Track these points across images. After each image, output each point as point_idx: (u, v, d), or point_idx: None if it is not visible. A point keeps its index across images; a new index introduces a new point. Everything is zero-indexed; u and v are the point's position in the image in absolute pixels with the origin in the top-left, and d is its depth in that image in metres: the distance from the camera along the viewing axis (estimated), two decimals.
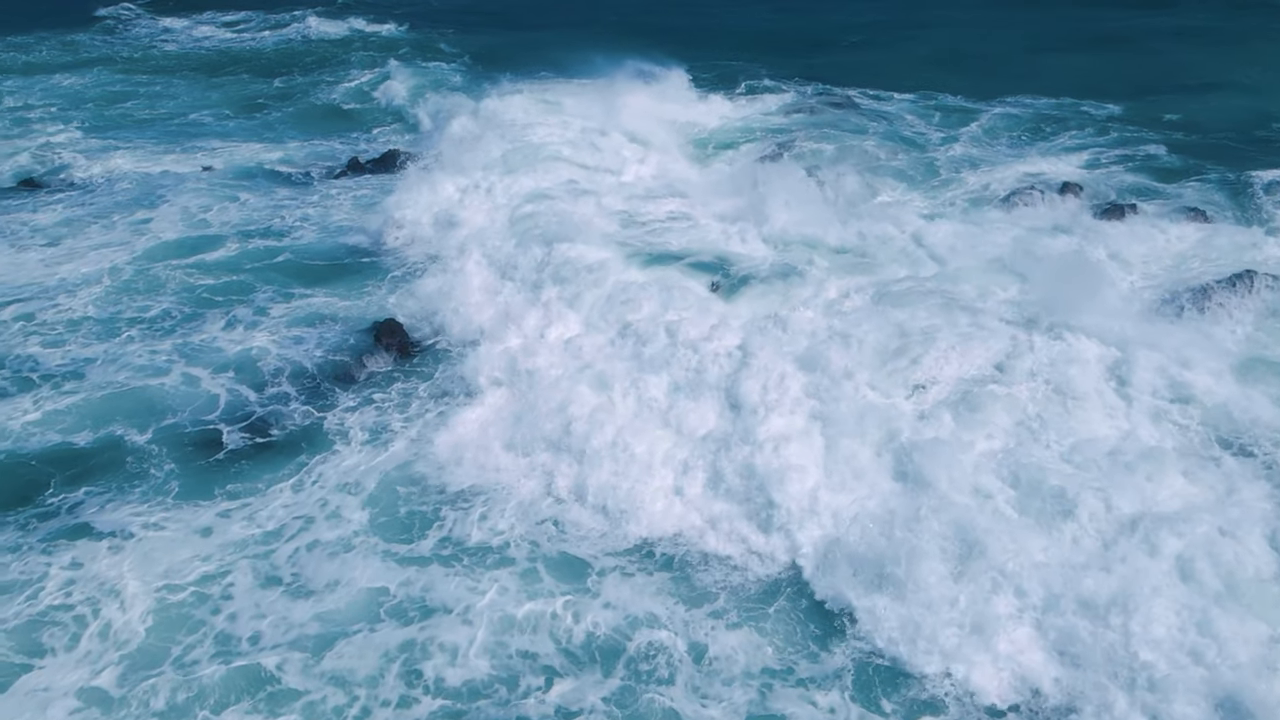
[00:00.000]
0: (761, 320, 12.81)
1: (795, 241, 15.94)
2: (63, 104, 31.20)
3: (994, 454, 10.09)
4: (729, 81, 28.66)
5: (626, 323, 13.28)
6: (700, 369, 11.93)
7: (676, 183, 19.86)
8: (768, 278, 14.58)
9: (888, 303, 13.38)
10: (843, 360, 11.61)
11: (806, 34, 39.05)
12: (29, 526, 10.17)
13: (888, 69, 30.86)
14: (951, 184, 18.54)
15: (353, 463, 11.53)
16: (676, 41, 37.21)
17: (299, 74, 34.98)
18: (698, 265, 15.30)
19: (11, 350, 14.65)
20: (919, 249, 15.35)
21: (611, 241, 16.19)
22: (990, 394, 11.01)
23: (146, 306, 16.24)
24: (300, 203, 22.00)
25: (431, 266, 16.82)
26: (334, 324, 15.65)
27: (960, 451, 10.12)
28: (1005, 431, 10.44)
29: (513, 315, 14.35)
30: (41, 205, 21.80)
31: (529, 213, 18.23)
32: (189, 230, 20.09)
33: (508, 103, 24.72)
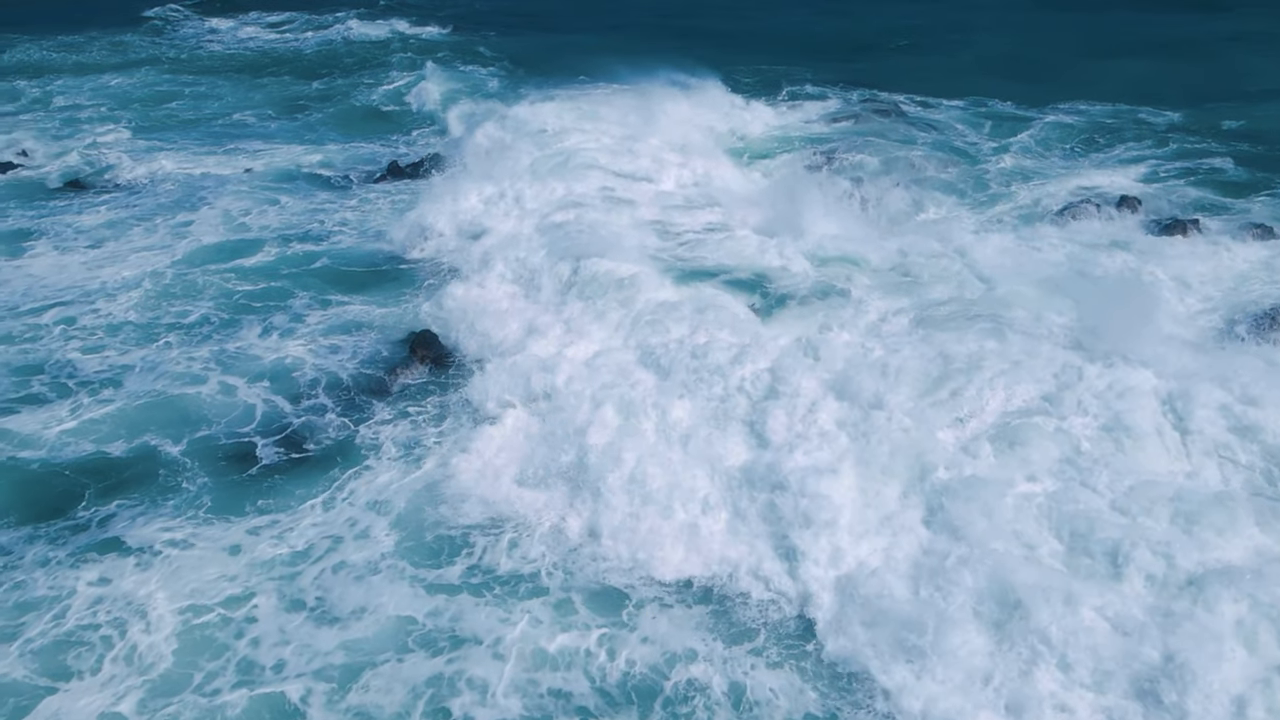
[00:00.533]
0: (796, 344, 12.29)
1: (836, 258, 15.45)
2: (111, 104, 31.66)
3: (1038, 497, 9.37)
4: (770, 87, 28.24)
5: (654, 343, 12.84)
6: (728, 395, 11.45)
7: (715, 193, 19.50)
8: (806, 297, 14.13)
9: (930, 326, 12.86)
10: (878, 389, 11.03)
11: (850, 37, 38.42)
12: (59, 540, 10.13)
13: (935, 74, 30.20)
14: (1002, 198, 17.94)
15: (384, 480, 11.36)
16: (717, 45, 36.87)
17: (339, 75, 35.19)
18: (733, 282, 14.86)
19: (52, 355, 14.73)
20: (966, 268, 14.77)
21: (644, 254, 15.79)
22: (1036, 428, 10.33)
23: (185, 312, 16.27)
24: (339, 206, 22.02)
25: (455, 278, 16.63)
26: (370, 332, 15.55)
27: (1000, 493, 9.42)
28: (1052, 471, 9.73)
29: (534, 332, 13.97)
30: (86, 207, 22.05)
31: (559, 222, 17.94)
32: (229, 234, 20.18)
33: (541, 109, 24.52)
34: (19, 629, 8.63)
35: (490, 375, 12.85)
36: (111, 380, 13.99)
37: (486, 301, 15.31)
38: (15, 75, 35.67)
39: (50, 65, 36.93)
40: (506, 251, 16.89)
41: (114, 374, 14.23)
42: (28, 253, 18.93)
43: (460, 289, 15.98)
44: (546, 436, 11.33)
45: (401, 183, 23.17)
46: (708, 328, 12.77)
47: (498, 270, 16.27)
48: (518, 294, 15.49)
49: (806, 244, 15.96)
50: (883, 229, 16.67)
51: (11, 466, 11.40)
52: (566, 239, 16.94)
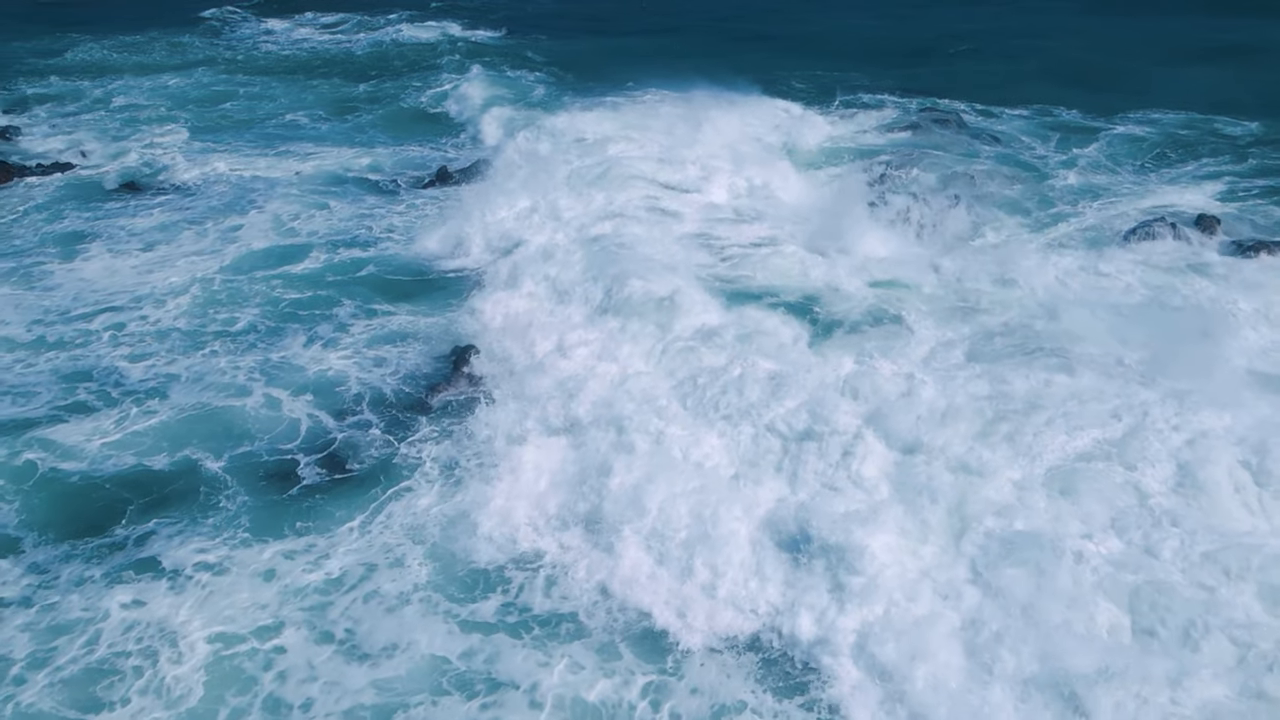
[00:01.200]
0: (841, 378, 11.72)
1: (890, 281, 14.83)
2: (168, 104, 32.11)
3: (1098, 558, 8.60)
4: (825, 94, 27.55)
5: (690, 371, 12.34)
6: (764, 433, 10.87)
7: (764, 206, 18.97)
8: (856, 324, 13.51)
9: (987, 358, 12.19)
10: (925, 430, 10.39)
11: (908, 42, 37.47)
12: (96, 558, 10.06)
13: (997, 81, 29.25)
14: (1068, 217, 17.13)
15: (423, 504, 11.13)
16: (769, 49, 36.25)
17: (389, 77, 35.29)
18: (779, 305, 14.29)
19: (100, 362, 14.81)
20: (1028, 294, 14.05)
21: (685, 271, 15.32)
22: (1099, 477, 9.57)
23: (232, 319, 16.27)
24: (387, 212, 21.96)
25: (491, 291, 16.35)
26: (414, 344, 15.40)
27: (1056, 553, 8.65)
28: (1115, 528, 8.92)
29: (564, 352, 13.54)
30: (140, 209, 22.28)
31: (597, 235, 17.55)
32: (278, 239, 20.23)
33: (585, 116, 24.20)
34: (50, 654, 8.54)
35: (499, 408, 12.46)
36: (157, 390, 14.00)
37: (520, 316, 15.01)
38: (79, 75, 36.43)
39: (111, 65, 37.66)
40: (542, 265, 16.57)
41: (160, 383, 14.24)
42: (80, 255, 19.15)
43: (493, 303, 15.73)
44: (571, 473, 10.92)
45: (450, 189, 23.01)
46: (748, 357, 12.26)
47: (529, 286, 15.94)
48: (552, 309, 15.13)
49: (859, 264, 15.39)
50: (940, 250, 16.00)
51: (53, 479, 11.40)
52: (604, 254, 16.58)
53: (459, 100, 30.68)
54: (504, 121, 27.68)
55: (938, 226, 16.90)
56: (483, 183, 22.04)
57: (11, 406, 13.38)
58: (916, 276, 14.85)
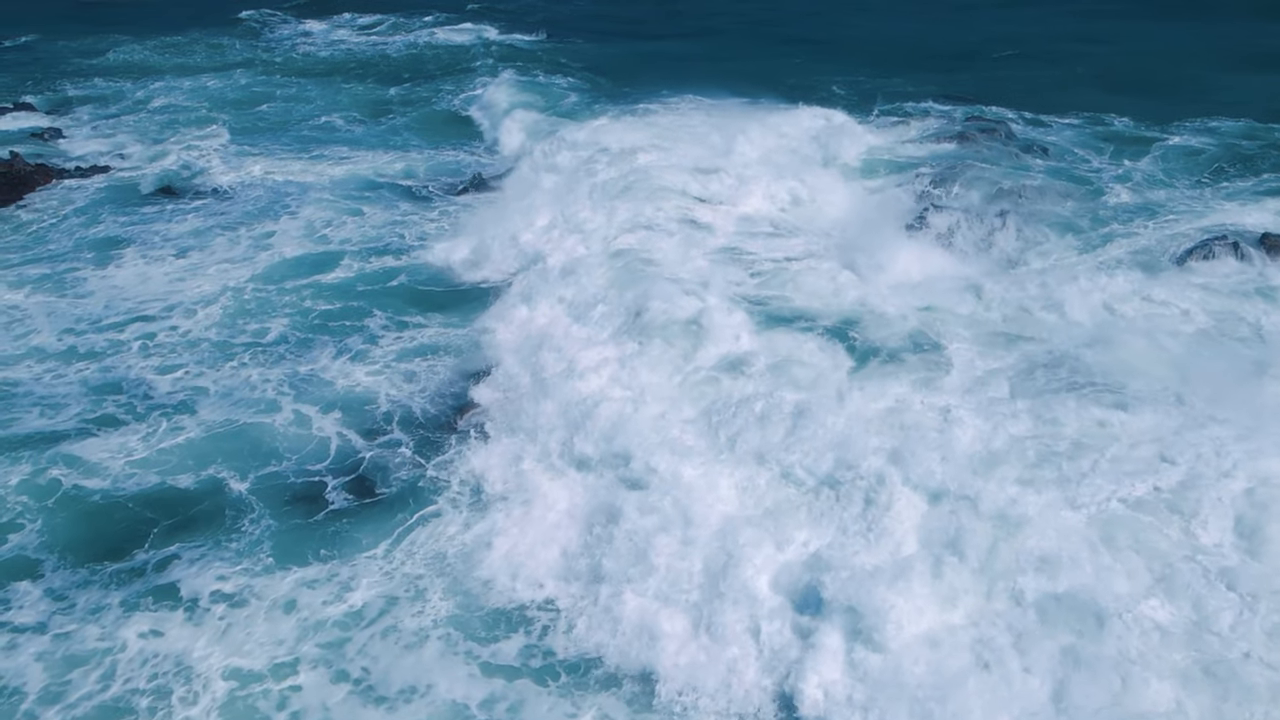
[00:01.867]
0: (877, 411, 11.08)
1: (932, 305, 14.18)
2: (207, 106, 32.30)
3: (1151, 624, 7.78)
4: (865, 101, 26.88)
5: (714, 402, 11.68)
6: (791, 471, 10.25)
7: (800, 220, 18.41)
8: (895, 351, 12.88)
9: (1032, 393, 11.51)
10: (965, 473, 9.69)
11: (950, 46, 36.60)
12: (115, 584, 9.90)
13: (1045, 87, 28.37)
14: (1123, 236, 16.35)
15: (449, 532, 10.84)
16: (807, 53, 35.59)
17: (424, 80, 35.20)
18: (813, 329, 13.73)
19: (129, 373, 14.73)
20: (1078, 321, 13.32)
21: (715, 290, 14.81)
22: (1153, 531, 8.82)
23: (262, 331, 16.14)
24: (420, 219, 21.78)
25: (510, 308, 15.96)
26: (445, 359, 15.17)
27: (1101, 618, 7.87)
28: (1171, 591, 8.09)
29: (582, 375, 12.94)
30: (175, 215, 22.31)
31: (623, 249, 17.08)
32: (310, 246, 20.10)
33: (615, 124, 23.69)
34: (64, 689, 8.36)
35: (513, 438, 11.98)
36: (186, 404, 13.87)
37: (539, 336, 14.47)
38: (120, 75, 36.85)
39: (152, 66, 38.06)
40: (563, 282, 16.10)
41: (188, 396, 14.12)
42: (114, 261, 19.16)
43: (511, 321, 15.32)
44: (582, 514, 10.42)
45: (485, 194, 22.76)
46: (776, 391, 11.63)
47: (547, 304, 15.46)
48: (571, 329, 14.58)
49: (899, 284, 14.80)
50: (986, 271, 15.34)
51: (76, 498, 11.28)
52: (628, 271, 16.13)
53: (484, 106, 30.23)
54: (528, 128, 27.21)
55: (984, 246, 16.24)
56: (506, 193, 21.78)
57: (40, 419, 13.32)
58: (959, 300, 14.22)
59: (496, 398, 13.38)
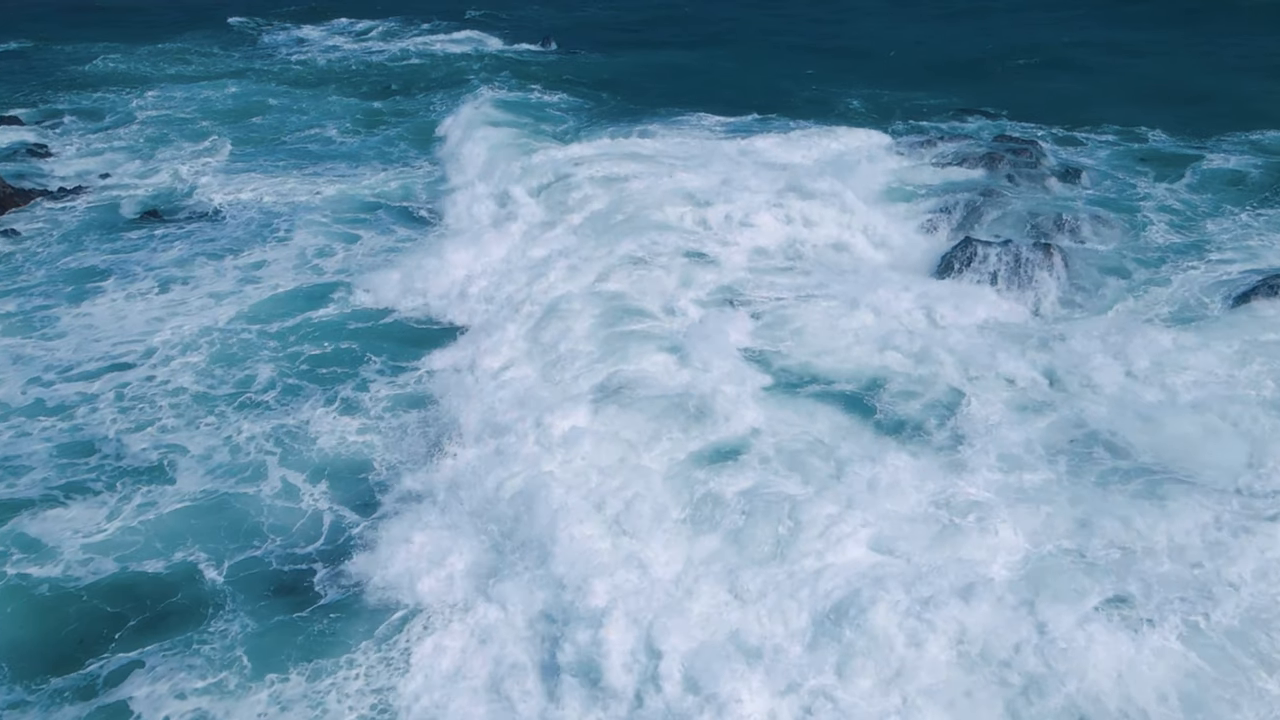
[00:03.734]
0: (892, 516, 9.66)
1: (970, 360, 12.88)
2: (198, 118, 31.14)
3: None
4: (885, 117, 25.68)
5: (705, 494, 10.21)
6: (798, 592, 8.83)
7: (817, 255, 17.10)
8: (919, 424, 11.59)
9: (1073, 471, 10.33)
10: (996, 604, 8.33)
11: (970, 53, 35.35)
12: (56, 703, 8.71)
13: (1073, 100, 27.15)
14: (1171, 277, 15.05)
15: (444, 644, 9.57)
16: (821, 63, 34.30)
17: (419, 91, 33.89)
18: (832, 395, 12.46)
19: (100, 431, 13.56)
20: (1127, 383, 12.02)
21: (714, 343, 13.53)
22: (1222, 653, 7.67)
23: (247, 379, 14.96)
24: (417, 245, 20.57)
25: (476, 359, 14.61)
26: (436, 409, 13.96)
27: None
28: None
29: (549, 450, 11.41)
30: (160, 241, 21.13)
31: (613, 292, 15.78)
32: (301, 277, 18.95)
33: (614, 144, 22.39)
34: None
35: (419, 548, 10.40)
36: (160, 468, 12.70)
37: (506, 401, 12.99)
38: (110, 85, 35.62)
39: (143, 75, 36.83)
40: (538, 327, 14.91)
41: (165, 458, 12.95)
42: (90, 297, 17.96)
43: (478, 377, 14.02)
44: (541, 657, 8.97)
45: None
46: (785, 478, 10.22)
47: (512, 353, 14.32)
48: (537, 390, 13.11)
49: (931, 337, 13.53)
50: (1028, 320, 14.14)
51: (20, 589, 10.07)
52: (612, 318, 14.87)
53: (454, 126, 27.23)
54: (499, 148, 24.69)
55: (1024, 286, 15.02)
56: (458, 220, 20.54)
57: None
58: (998, 354, 12.90)
59: (446, 476, 11.89)
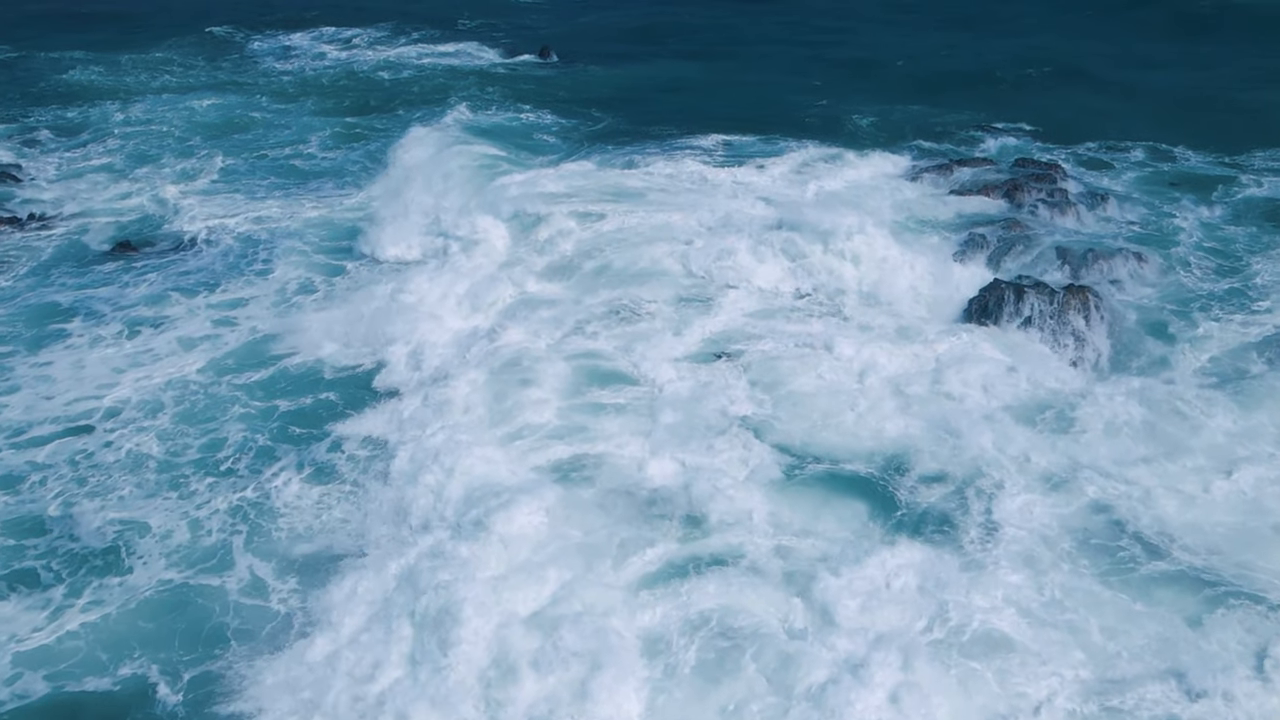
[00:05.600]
0: (902, 649, 8.44)
1: (999, 430, 11.59)
2: (179, 135, 29.91)
3: None
4: (895, 136, 24.37)
5: (670, 621, 8.93)
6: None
7: (824, 299, 15.74)
8: (947, 515, 10.34)
9: (1113, 588, 9.08)
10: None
11: (983, 62, 34.03)
12: None
13: (1094, 115, 25.90)
14: (1207, 335, 13.66)
15: None
16: (830, 75, 32.92)
17: (401, 106, 32.38)
18: (841, 482, 11.19)
19: (50, 507, 12.39)
20: (1166, 465, 10.73)
21: (699, 411, 12.26)
22: None
23: (215, 442, 13.80)
24: (406, 279, 19.28)
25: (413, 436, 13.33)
26: (390, 485, 12.78)
27: None
28: None
29: (479, 556, 10.10)
30: (132, 277, 19.90)
31: (585, 353, 14.43)
32: (279, 319, 17.73)
33: (597, 173, 20.91)
34: None
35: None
36: (115, 552, 11.56)
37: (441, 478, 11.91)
38: (89, 99, 34.21)
39: (122, 88, 35.42)
40: (493, 389, 13.71)
41: (121, 539, 11.81)
42: (50, 343, 16.73)
43: (415, 444, 12.87)
44: None
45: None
46: (773, 602, 8.96)
47: (465, 419, 13.10)
48: (487, 466, 11.86)
49: (954, 403, 12.27)
50: (1059, 374, 12.92)
51: None
52: (583, 381, 13.61)
53: (409, 146, 24.48)
54: (468, 176, 22.42)
55: (1056, 335, 13.85)
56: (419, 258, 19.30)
57: None
58: (1022, 426, 11.62)
59: (390, 575, 10.55)
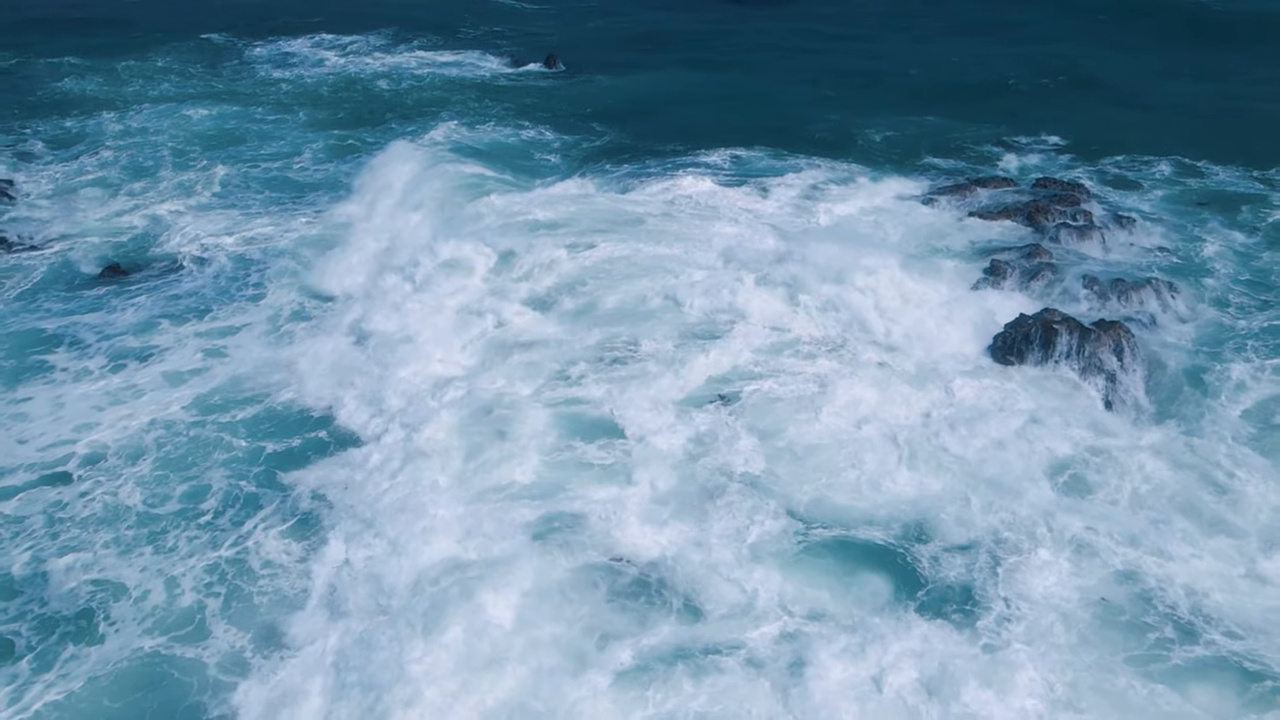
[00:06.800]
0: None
1: (1025, 496, 10.76)
2: (174, 147, 29.20)
3: None
4: (910, 152, 23.48)
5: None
6: None
7: (836, 333, 14.86)
8: (967, 586, 9.64)
9: (1141, 672, 8.44)
10: None
11: (999, 74, 32.93)
12: None
13: (1116, 126, 25.02)
14: (1242, 383, 12.81)
15: None
16: (841, 85, 31.90)
17: (400, 118, 31.53)
18: (857, 553, 10.38)
19: (25, 564, 11.74)
20: (1202, 537, 10.05)
21: (700, 475, 11.51)
22: None
23: (197, 491, 13.18)
24: (400, 306, 18.53)
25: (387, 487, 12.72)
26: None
27: None
28: None
29: (447, 661, 9.52)
30: (121, 302, 19.20)
31: (572, 399, 13.68)
32: (268, 349, 17.05)
33: (596, 196, 20.06)
34: None
35: None
36: (88, 617, 10.97)
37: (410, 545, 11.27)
38: (85, 109, 33.41)
39: (118, 98, 34.59)
40: (468, 441, 13.01)
41: (95, 601, 11.22)
42: (31, 377, 16.09)
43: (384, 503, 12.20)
44: None
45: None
46: (769, 700, 8.25)
47: (437, 473, 12.46)
48: (454, 541, 11.23)
49: (975, 459, 11.48)
50: (1090, 415, 12.16)
51: None
52: (567, 433, 12.88)
53: (385, 163, 24.29)
54: (450, 198, 21.95)
55: (1086, 375, 13.07)
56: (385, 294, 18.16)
57: None
58: (1060, 480, 10.96)
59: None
